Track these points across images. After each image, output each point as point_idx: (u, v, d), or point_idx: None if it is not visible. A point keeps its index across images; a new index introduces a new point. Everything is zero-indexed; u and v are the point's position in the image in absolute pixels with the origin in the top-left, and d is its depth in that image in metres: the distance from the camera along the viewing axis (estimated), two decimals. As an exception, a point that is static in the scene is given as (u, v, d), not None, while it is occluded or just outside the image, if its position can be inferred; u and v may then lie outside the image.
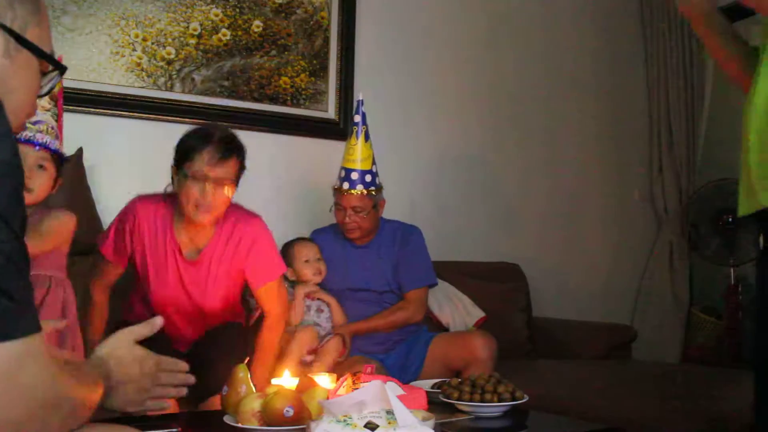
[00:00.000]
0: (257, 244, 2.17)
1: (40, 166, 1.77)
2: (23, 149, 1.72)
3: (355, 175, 2.50)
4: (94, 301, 2.19)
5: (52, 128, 1.81)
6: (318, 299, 2.54)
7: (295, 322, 2.46)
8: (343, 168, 2.54)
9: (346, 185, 2.50)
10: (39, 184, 1.76)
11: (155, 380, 1.13)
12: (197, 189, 2.01)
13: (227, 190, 2.04)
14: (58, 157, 1.83)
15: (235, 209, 2.17)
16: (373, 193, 2.52)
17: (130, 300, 2.25)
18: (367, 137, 2.52)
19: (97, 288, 2.19)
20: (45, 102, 1.78)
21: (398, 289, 2.62)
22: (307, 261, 2.52)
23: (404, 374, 2.45)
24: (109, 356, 1.08)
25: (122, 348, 1.10)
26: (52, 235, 1.82)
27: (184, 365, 1.21)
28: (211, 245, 2.14)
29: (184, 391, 1.20)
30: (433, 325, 2.89)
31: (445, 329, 2.91)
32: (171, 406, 1.18)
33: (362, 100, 2.55)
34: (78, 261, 2.30)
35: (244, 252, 2.15)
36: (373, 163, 2.54)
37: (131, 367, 1.09)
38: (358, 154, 2.50)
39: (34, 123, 1.77)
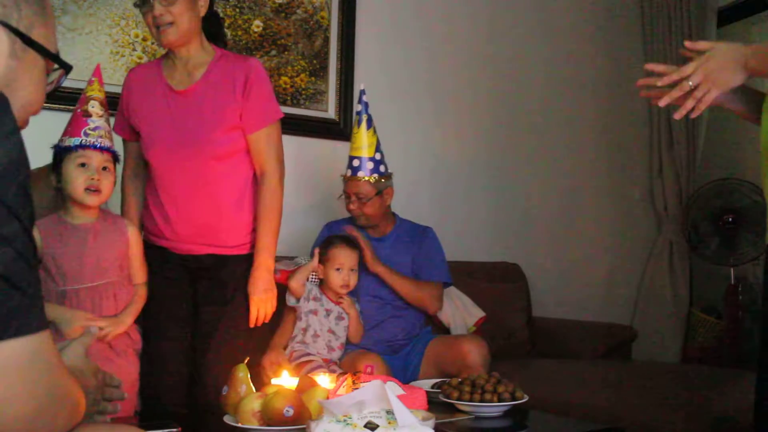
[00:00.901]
0: (254, 84, 2.12)
1: (105, 168, 1.92)
2: (89, 153, 1.89)
3: (357, 162, 2.52)
4: (124, 192, 2.23)
5: (108, 132, 1.98)
6: (341, 306, 2.40)
7: (297, 293, 2.34)
8: (349, 156, 2.56)
9: (349, 172, 2.54)
10: (106, 185, 1.93)
11: (103, 393, 1.13)
12: (150, 13, 2.02)
13: (180, 6, 2.02)
14: (116, 159, 1.99)
15: (232, 53, 2.25)
16: (376, 179, 2.51)
17: (143, 218, 2.23)
18: (369, 125, 2.53)
19: (125, 177, 2.23)
20: (98, 109, 1.96)
21: None
22: (338, 269, 2.36)
23: (403, 375, 2.45)
24: (71, 368, 1.08)
25: (79, 361, 1.09)
26: None
27: (119, 380, 1.19)
28: (205, 74, 2.13)
29: (119, 408, 1.17)
30: (434, 325, 2.89)
31: (446, 329, 2.91)
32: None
33: (364, 90, 2.57)
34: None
35: (240, 88, 2.10)
36: (377, 150, 2.54)
37: (89, 380, 1.09)
38: (360, 141, 2.52)
39: (94, 129, 1.92)
